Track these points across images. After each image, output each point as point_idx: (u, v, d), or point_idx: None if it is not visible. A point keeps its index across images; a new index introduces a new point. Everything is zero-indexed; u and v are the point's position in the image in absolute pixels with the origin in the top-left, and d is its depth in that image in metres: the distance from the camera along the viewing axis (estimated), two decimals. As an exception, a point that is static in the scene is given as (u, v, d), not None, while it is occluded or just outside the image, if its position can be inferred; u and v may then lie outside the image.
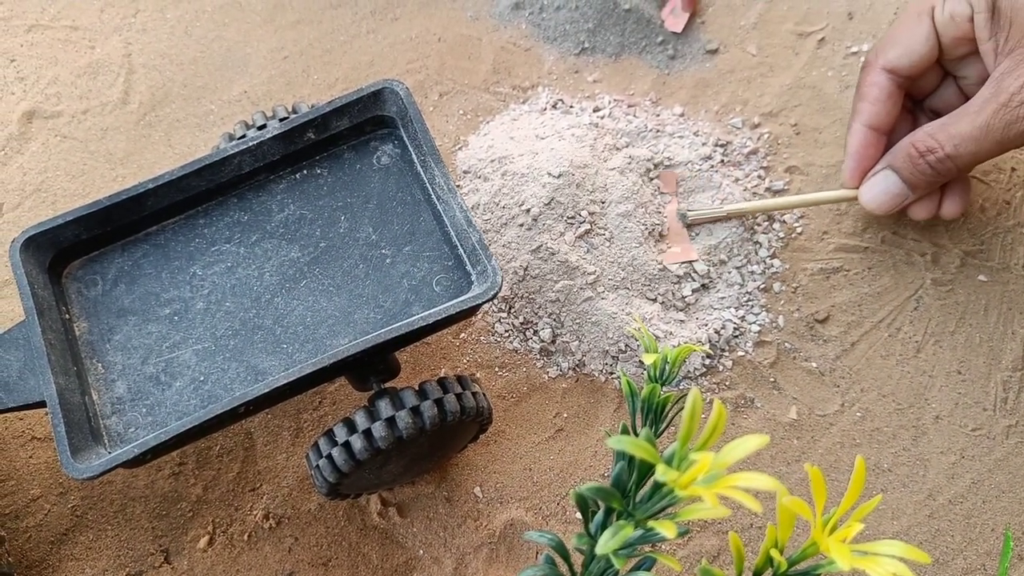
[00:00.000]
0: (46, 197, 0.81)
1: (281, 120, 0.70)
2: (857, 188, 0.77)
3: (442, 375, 0.64)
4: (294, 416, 0.73)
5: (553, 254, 0.73)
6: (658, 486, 0.39)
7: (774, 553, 0.40)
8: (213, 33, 0.91)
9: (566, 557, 0.46)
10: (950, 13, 0.71)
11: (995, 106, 0.67)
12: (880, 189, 0.75)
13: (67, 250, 0.64)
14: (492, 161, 0.79)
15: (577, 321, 0.73)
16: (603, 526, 0.43)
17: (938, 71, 0.77)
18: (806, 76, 0.88)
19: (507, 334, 0.75)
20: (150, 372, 0.61)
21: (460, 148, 0.83)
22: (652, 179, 0.79)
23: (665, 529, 0.36)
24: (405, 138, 0.67)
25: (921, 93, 0.79)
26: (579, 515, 0.67)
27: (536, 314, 0.74)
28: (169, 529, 0.69)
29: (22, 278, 0.61)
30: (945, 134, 0.70)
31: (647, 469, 0.41)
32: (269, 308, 0.63)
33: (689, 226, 0.78)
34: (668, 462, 0.37)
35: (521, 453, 0.72)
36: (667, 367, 0.51)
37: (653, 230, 0.76)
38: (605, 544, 0.37)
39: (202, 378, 0.61)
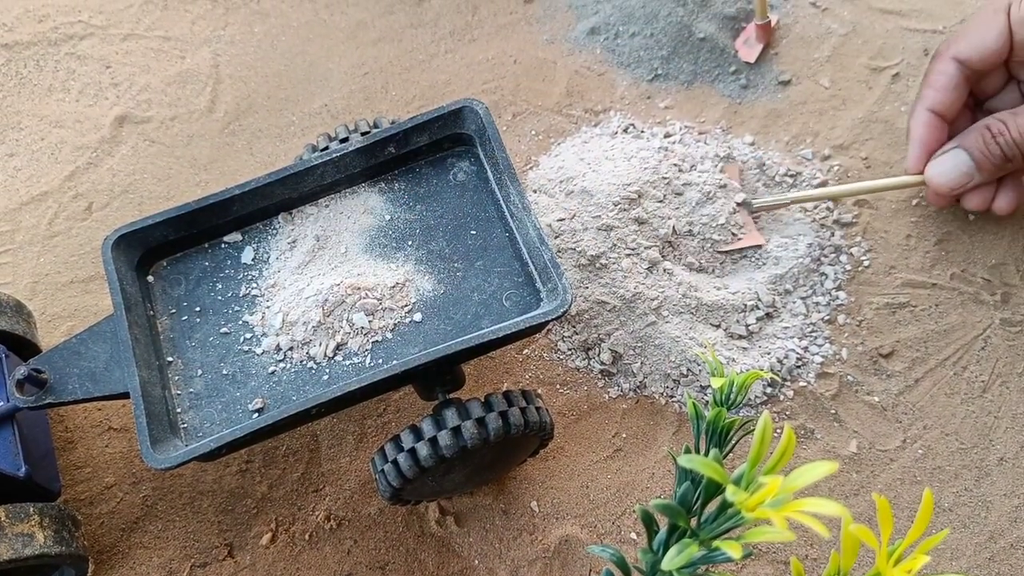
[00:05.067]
0: (133, 198, 0.85)
1: (363, 134, 0.72)
2: (920, 174, 0.80)
3: (507, 389, 0.65)
4: (359, 421, 0.75)
5: (619, 278, 0.74)
6: (724, 507, 0.39)
7: (837, 581, 0.41)
8: (297, 48, 0.94)
9: (627, 572, 0.46)
10: None
11: None
12: (949, 166, 0.77)
13: (154, 250, 0.67)
14: (561, 182, 0.80)
15: (640, 344, 0.74)
16: (666, 544, 0.44)
17: (1003, 73, 0.80)
18: (879, 110, 0.89)
19: (570, 352, 0.76)
20: (227, 370, 0.64)
21: (531, 168, 0.85)
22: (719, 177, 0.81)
23: (731, 549, 0.36)
24: (482, 156, 0.69)
25: (984, 93, 0.82)
26: (635, 535, 0.68)
27: (598, 336, 0.75)
28: (234, 524, 0.71)
29: (112, 274, 0.64)
30: (1015, 120, 0.74)
31: (713, 489, 0.41)
32: (343, 315, 0.65)
33: (754, 214, 0.80)
34: (736, 484, 0.38)
35: (579, 470, 0.73)
36: (733, 392, 0.52)
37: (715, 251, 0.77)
38: (671, 561, 0.38)
39: (276, 379, 0.63)
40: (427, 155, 0.70)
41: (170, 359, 0.64)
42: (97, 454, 0.74)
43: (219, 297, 0.67)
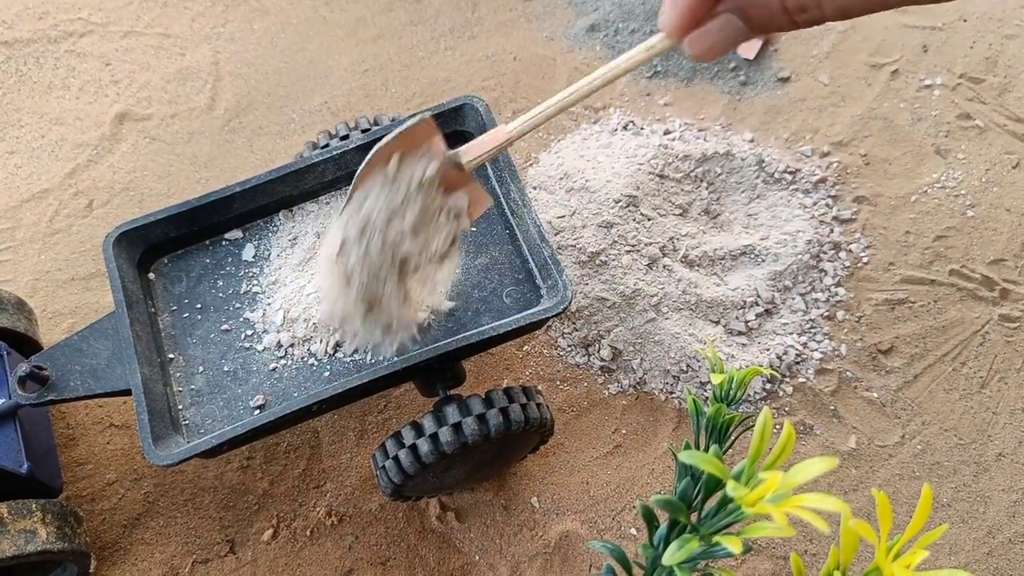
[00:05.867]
0: (133, 195, 0.85)
1: (363, 131, 0.72)
2: (680, 36, 0.55)
3: (507, 385, 0.65)
4: (359, 418, 0.75)
5: (619, 275, 0.74)
6: (725, 502, 0.40)
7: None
8: (297, 45, 0.94)
9: (627, 568, 0.47)
10: None
11: None
12: (720, 38, 0.55)
13: (156, 247, 0.68)
14: (561, 178, 0.81)
15: (640, 340, 0.74)
16: (666, 539, 0.44)
17: None
18: (878, 107, 0.89)
19: (570, 349, 0.76)
20: (228, 367, 0.64)
21: (531, 165, 0.85)
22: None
23: (732, 544, 0.37)
24: (482, 153, 0.69)
25: None
26: (635, 531, 0.68)
27: (598, 332, 0.75)
28: (235, 520, 0.71)
29: (114, 272, 0.64)
30: None
31: (713, 485, 0.42)
32: (344, 312, 0.65)
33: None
34: (736, 479, 0.38)
35: (579, 466, 0.73)
36: (733, 388, 0.52)
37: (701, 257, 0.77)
38: (671, 556, 0.38)
39: (277, 375, 0.63)
40: (427, 152, 0.70)
41: (171, 356, 0.65)
42: (99, 451, 0.74)
43: (220, 294, 0.67)
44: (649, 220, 0.77)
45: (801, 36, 0.93)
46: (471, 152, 0.56)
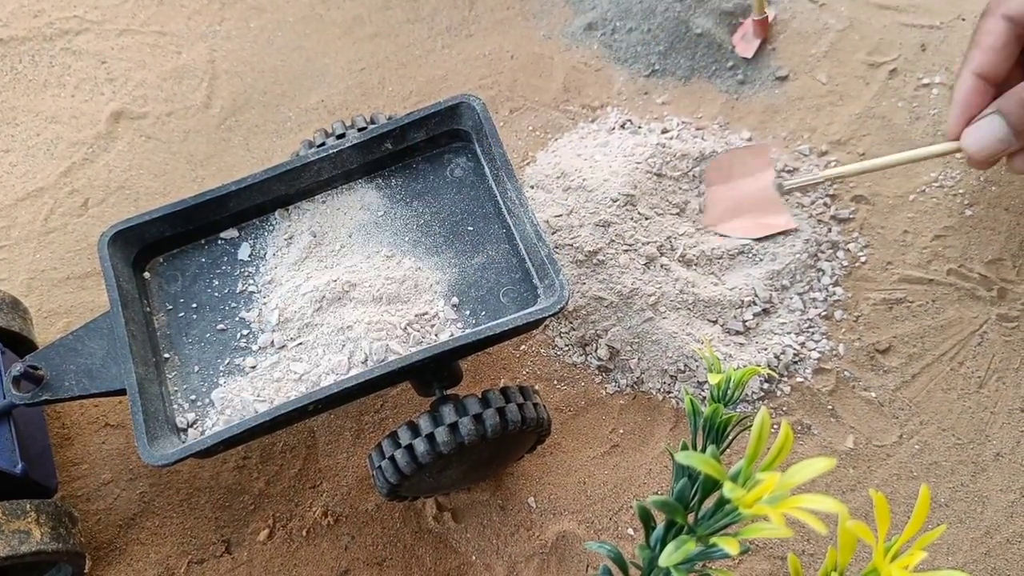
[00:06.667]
0: (129, 194, 0.85)
1: (360, 130, 0.72)
2: (957, 140, 0.73)
3: (504, 385, 0.65)
4: (356, 417, 0.75)
5: (616, 274, 0.74)
6: (722, 503, 0.40)
7: (834, 576, 0.41)
8: (294, 43, 0.94)
9: (624, 568, 0.46)
10: None
11: None
12: (984, 132, 0.70)
13: (151, 246, 0.67)
14: (558, 177, 0.80)
15: (637, 339, 0.74)
16: (663, 540, 0.44)
17: None
18: (876, 106, 0.88)
19: (567, 348, 0.76)
20: (224, 366, 0.64)
21: (528, 163, 0.85)
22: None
23: (728, 546, 0.37)
24: (479, 152, 0.69)
25: None
26: (632, 531, 0.68)
27: (595, 332, 0.75)
28: (231, 520, 0.71)
29: (109, 271, 0.64)
30: None
31: (711, 486, 0.41)
32: (340, 311, 0.65)
33: (786, 194, 0.80)
34: (733, 480, 0.38)
35: (576, 466, 0.73)
36: (731, 388, 0.52)
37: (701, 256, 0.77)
38: (668, 557, 0.38)
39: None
40: (424, 151, 0.70)
41: (167, 356, 0.64)
42: (94, 450, 0.74)
43: (216, 293, 0.66)
44: (647, 219, 0.77)
45: (799, 35, 0.93)
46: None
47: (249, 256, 0.68)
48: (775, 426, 0.73)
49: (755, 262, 0.78)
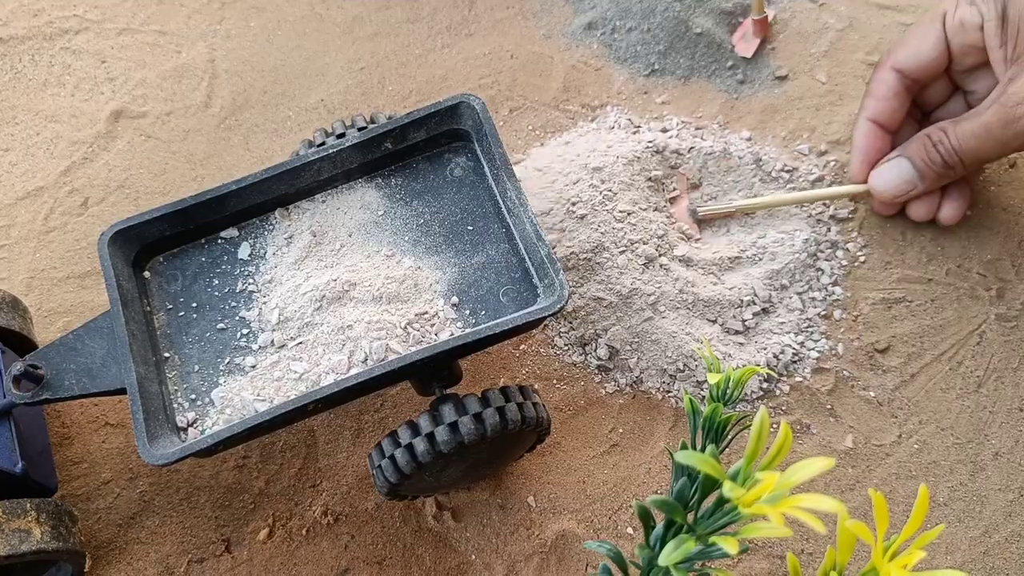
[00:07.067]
0: (129, 194, 0.85)
1: (360, 130, 0.72)
2: (864, 182, 0.80)
3: (504, 384, 0.65)
4: (356, 417, 0.75)
5: (615, 274, 0.74)
6: (721, 502, 0.40)
7: (833, 576, 0.41)
8: (293, 43, 0.94)
9: (624, 568, 0.47)
10: (960, 20, 0.74)
11: (997, 107, 0.71)
12: (892, 175, 0.77)
13: (151, 245, 0.67)
14: (548, 173, 0.80)
15: (636, 339, 0.74)
16: (663, 539, 0.44)
17: (947, 83, 0.80)
18: (875, 106, 0.88)
19: (567, 348, 0.76)
20: (223, 366, 0.64)
21: (524, 160, 0.85)
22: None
23: (728, 545, 0.37)
24: (479, 151, 0.69)
25: (930, 104, 0.82)
26: (631, 530, 0.68)
27: (595, 331, 0.75)
28: (231, 519, 0.71)
29: (109, 270, 0.64)
30: (953, 129, 0.74)
31: (710, 485, 0.42)
32: (340, 310, 0.65)
33: (700, 222, 0.81)
34: (733, 479, 0.38)
35: (575, 466, 0.73)
36: (730, 387, 0.52)
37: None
38: (668, 556, 0.38)
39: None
40: (424, 151, 0.70)
41: (167, 355, 0.64)
42: (94, 450, 0.74)
43: (216, 293, 0.67)
44: (646, 219, 0.77)
45: (799, 34, 0.93)
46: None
47: (249, 255, 0.68)
48: (774, 425, 0.73)
49: (754, 262, 0.79)
